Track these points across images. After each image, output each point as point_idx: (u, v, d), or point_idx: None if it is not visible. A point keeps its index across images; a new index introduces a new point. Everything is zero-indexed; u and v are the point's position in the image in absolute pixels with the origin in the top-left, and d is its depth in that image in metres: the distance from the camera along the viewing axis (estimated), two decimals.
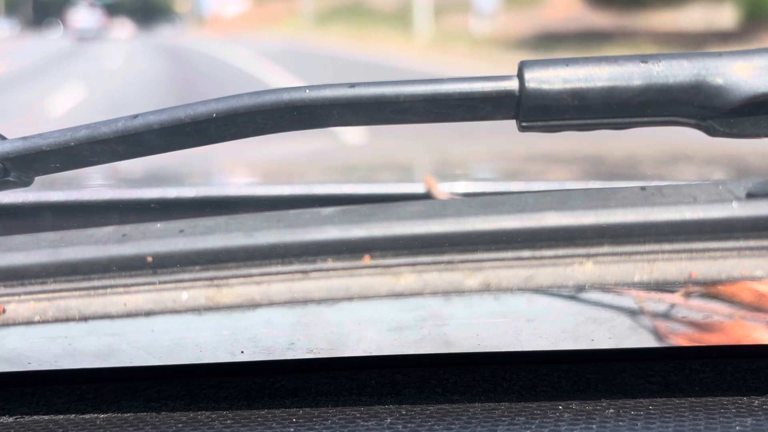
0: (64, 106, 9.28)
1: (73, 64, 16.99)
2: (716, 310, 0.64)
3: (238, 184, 1.05)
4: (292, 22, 37.27)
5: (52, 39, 36.47)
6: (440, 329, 0.61)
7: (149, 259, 0.42)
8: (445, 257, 0.42)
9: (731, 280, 0.43)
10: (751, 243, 0.42)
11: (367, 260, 0.42)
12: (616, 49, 12.92)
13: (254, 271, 0.42)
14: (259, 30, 37.27)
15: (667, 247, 0.42)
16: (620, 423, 0.46)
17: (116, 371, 0.56)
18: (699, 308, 0.64)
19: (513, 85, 0.43)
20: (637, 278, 0.42)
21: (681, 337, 0.62)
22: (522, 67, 0.44)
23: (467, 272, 0.42)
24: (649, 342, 0.62)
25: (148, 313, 0.43)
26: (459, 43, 18.62)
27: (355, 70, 13.17)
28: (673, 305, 0.65)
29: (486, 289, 0.42)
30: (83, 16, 38.89)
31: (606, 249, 0.42)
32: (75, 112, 8.86)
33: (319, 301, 0.43)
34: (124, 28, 46.54)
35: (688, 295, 0.65)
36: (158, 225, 0.44)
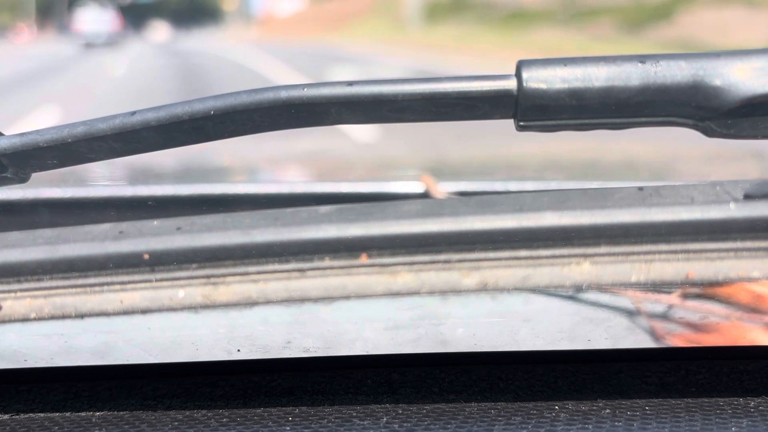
0: None
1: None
2: (713, 311, 0.64)
3: (236, 181, 1.05)
4: (373, 25, 26.25)
5: (51, 47, 28.26)
6: (437, 328, 0.61)
7: (146, 256, 0.42)
8: (442, 256, 0.42)
9: (728, 281, 0.43)
10: (748, 244, 0.42)
11: (364, 259, 0.42)
12: None
13: (251, 269, 0.42)
14: (329, 35, 26.16)
15: (664, 247, 0.42)
16: (616, 423, 0.46)
17: (112, 369, 0.56)
18: (696, 309, 0.64)
19: (511, 84, 0.43)
20: (634, 279, 0.42)
21: (677, 338, 0.62)
22: (520, 66, 0.44)
23: (464, 272, 0.42)
24: (645, 342, 0.62)
25: (145, 311, 0.43)
26: None
27: None
28: (669, 306, 0.65)
29: (483, 288, 0.42)
30: (91, 17, 30.36)
31: (603, 249, 0.42)
32: None
33: (316, 300, 0.42)
34: (159, 31, 41.46)
35: (684, 296, 0.65)
36: (155, 222, 0.44)
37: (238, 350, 0.57)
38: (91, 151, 0.47)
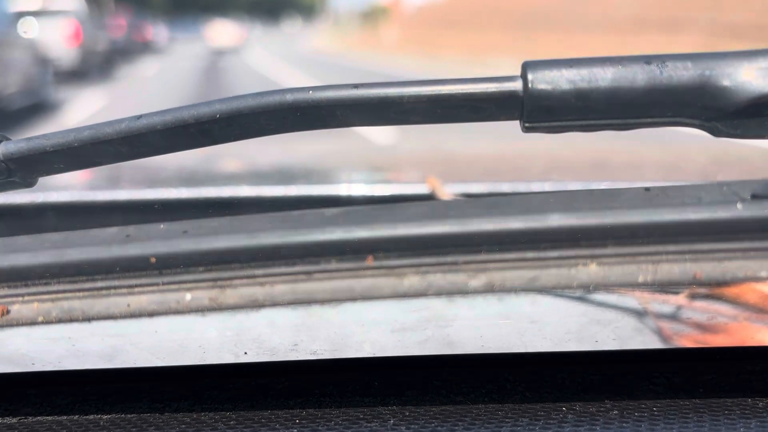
0: None
1: None
2: (721, 312, 0.63)
3: (242, 184, 1.05)
4: None
5: None
6: (444, 330, 0.61)
7: (153, 260, 0.42)
8: (449, 258, 0.42)
9: (736, 282, 0.43)
10: (756, 244, 0.42)
11: (370, 261, 0.42)
12: None
13: (258, 272, 0.42)
14: None
15: (671, 248, 0.42)
16: (624, 425, 0.46)
17: (120, 372, 0.56)
18: (703, 310, 0.64)
19: (517, 85, 0.43)
20: (641, 279, 0.42)
21: (685, 339, 0.61)
22: (525, 67, 0.44)
23: (471, 273, 0.42)
24: (653, 343, 0.61)
25: (152, 314, 0.43)
26: None
27: None
28: (677, 307, 0.64)
29: (490, 290, 0.42)
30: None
31: (610, 250, 0.42)
32: None
33: (323, 302, 0.42)
34: (219, 32, 30.83)
35: (692, 296, 0.65)
36: (162, 226, 0.44)
37: (245, 353, 0.57)
38: (97, 155, 0.47)
